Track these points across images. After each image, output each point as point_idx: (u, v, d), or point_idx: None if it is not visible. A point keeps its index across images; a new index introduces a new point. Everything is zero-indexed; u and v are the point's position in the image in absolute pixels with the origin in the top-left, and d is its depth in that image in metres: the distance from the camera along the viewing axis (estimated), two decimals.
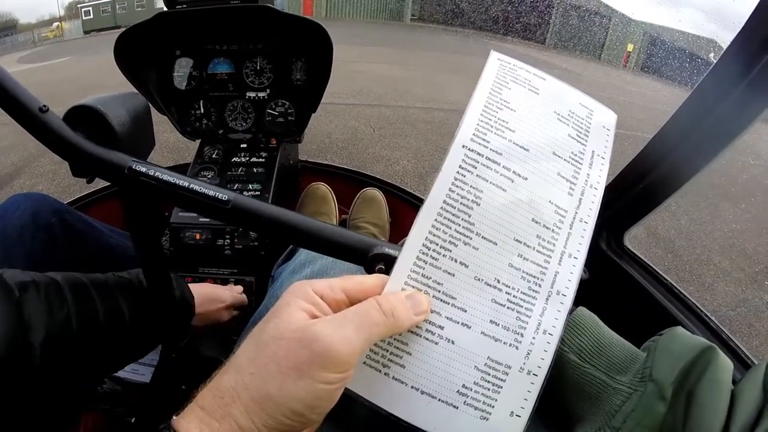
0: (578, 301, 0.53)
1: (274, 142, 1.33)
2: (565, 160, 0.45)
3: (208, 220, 1.14)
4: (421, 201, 1.45)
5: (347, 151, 3.88)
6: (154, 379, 1.01)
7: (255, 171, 1.26)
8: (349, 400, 0.38)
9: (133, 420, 0.99)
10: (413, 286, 0.40)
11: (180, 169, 1.40)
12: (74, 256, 0.94)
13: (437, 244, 0.40)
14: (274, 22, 1.20)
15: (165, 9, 1.15)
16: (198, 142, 1.37)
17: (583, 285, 0.44)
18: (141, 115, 0.63)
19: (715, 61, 0.65)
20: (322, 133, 4.10)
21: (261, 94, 1.34)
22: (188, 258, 1.17)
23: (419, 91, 6.37)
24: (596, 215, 0.45)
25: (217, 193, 0.50)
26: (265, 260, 1.14)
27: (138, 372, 1.05)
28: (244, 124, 1.36)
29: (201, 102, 1.36)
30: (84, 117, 0.56)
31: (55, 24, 23.79)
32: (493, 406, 0.39)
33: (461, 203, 0.41)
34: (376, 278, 0.41)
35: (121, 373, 1.02)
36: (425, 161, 3.81)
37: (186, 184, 0.50)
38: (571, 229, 0.44)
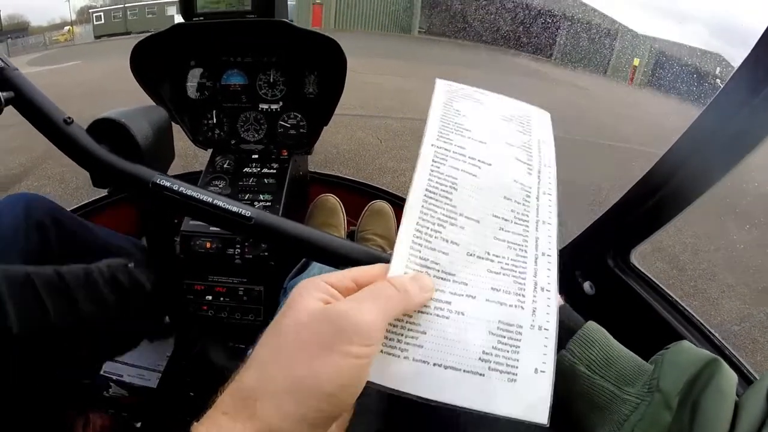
0: (586, 315, 0.55)
1: (285, 153, 1.34)
2: (518, 147, 0.52)
3: (218, 228, 1.14)
4: None
5: (354, 162, 3.90)
6: (161, 385, 1.02)
7: (266, 182, 1.27)
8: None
9: (138, 425, 0.99)
10: (414, 269, 0.42)
11: (190, 177, 1.41)
12: (68, 255, 0.95)
13: (428, 227, 0.44)
14: (290, 36, 1.22)
15: (175, 16, 1.17)
16: (210, 151, 1.38)
17: (590, 300, 0.46)
18: (163, 129, 0.64)
19: (720, 75, 0.66)
20: (329, 144, 4.12)
21: (273, 106, 1.36)
22: (198, 266, 1.17)
23: (426, 103, 6.39)
24: (556, 187, 0.51)
25: (241, 210, 0.51)
26: (275, 270, 1.15)
27: (144, 377, 1.06)
28: (256, 135, 1.37)
29: (214, 112, 1.37)
30: (108, 130, 0.58)
31: (67, 28, 24.01)
32: (517, 366, 0.40)
33: (441, 189, 0.46)
34: (380, 266, 0.42)
35: (126, 378, 1.03)
36: None
37: (210, 199, 0.51)
38: (538, 201, 0.49)
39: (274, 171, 1.29)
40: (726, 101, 0.67)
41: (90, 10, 23.57)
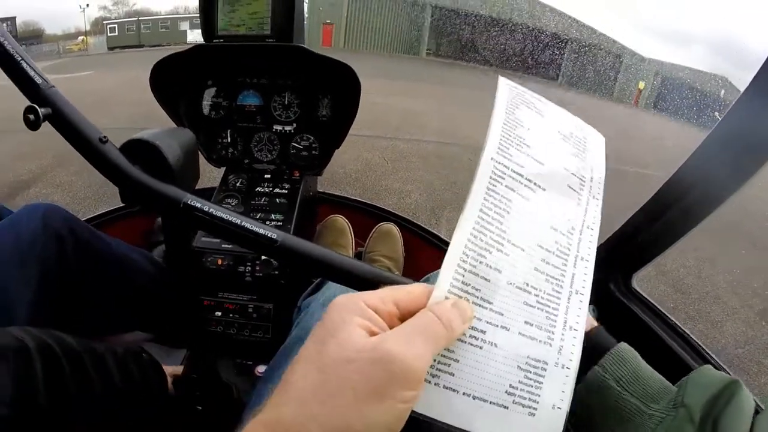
0: None
1: (297, 174, 1.37)
2: (572, 174, 0.50)
3: (230, 246, 1.17)
4: (435, 236, 1.48)
5: (360, 183, 3.93)
6: (169, 398, 1.03)
7: (278, 201, 1.30)
8: None
9: None
10: (455, 294, 0.41)
11: (203, 193, 1.44)
12: (83, 264, 0.98)
13: (475, 252, 0.42)
14: (307, 61, 1.26)
15: (188, 31, 1.21)
16: (223, 169, 1.41)
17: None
18: (191, 150, 0.67)
19: (724, 98, 0.67)
20: (336, 164, 4.14)
21: (287, 128, 1.39)
22: (209, 282, 1.20)
23: (433, 124, 6.47)
24: (599, 222, 0.50)
25: (267, 232, 0.53)
26: (285, 289, 1.17)
27: None
28: (269, 156, 1.40)
29: (228, 131, 1.40)
30: (141, 150, 0.61)
31: (81, 38, 24.37)
32: (538, 402, 0.41)
33: (495, 212, 0.44)
34: (422, 287, 0.41)
35: None
36: (437, 195, 3.86)
37: (238, 221, 0.54)
38: (581, 235, 0.48)
39: (286, 191, 1.32)
40: (730, 127, 0.69)
41: (104, 22, 23.97)
